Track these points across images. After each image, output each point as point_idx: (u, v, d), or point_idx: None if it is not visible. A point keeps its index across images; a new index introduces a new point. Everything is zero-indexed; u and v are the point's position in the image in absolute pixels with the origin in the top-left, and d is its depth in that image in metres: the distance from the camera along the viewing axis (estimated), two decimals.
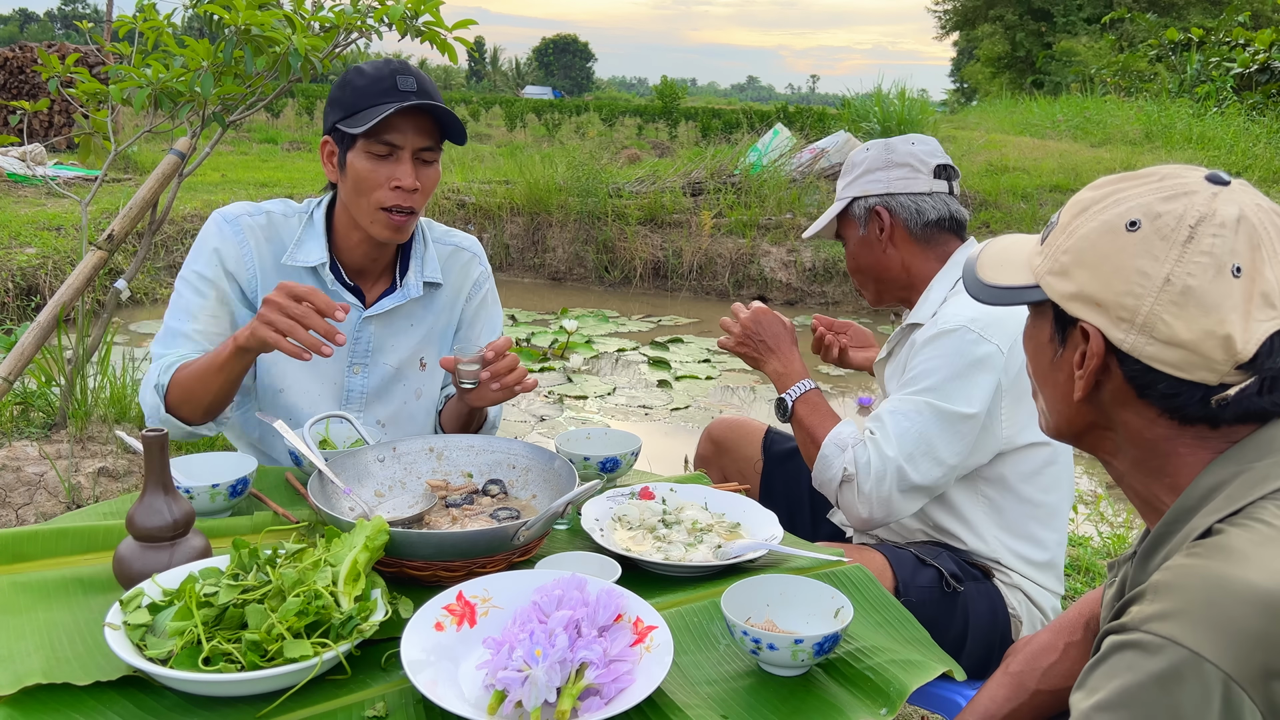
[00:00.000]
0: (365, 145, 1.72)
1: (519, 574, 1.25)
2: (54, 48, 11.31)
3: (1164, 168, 0.93)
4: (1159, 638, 0.77)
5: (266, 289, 1.82)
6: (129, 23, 2.95)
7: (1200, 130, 12.08)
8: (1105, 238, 0.89)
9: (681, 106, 30.48)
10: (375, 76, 1.72)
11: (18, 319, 6.13)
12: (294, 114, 22.40)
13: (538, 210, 9.51)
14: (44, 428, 3.37)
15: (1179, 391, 0.88)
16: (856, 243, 1.94)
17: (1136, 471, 0.97)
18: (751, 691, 1.13)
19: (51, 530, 1.38)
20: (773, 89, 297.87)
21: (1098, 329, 0.90)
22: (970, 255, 1.09)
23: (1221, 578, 0.78)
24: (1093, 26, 31.88)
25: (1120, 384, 0.92)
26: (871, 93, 14.06)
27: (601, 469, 1.71)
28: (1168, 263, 0.86)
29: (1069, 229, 0.93)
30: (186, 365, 1.71)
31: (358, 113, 1.71)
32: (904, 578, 1.69)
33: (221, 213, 1.86)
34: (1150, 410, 0.91)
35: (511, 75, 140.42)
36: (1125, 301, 0.87)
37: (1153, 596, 0.81)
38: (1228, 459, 0.89)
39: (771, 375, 1.93)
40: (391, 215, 1.75)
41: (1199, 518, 0.87)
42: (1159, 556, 0.90)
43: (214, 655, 1.05)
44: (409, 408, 1.95)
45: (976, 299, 1.03)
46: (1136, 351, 0.88)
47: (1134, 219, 0.88)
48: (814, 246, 8.67)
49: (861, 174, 1.93)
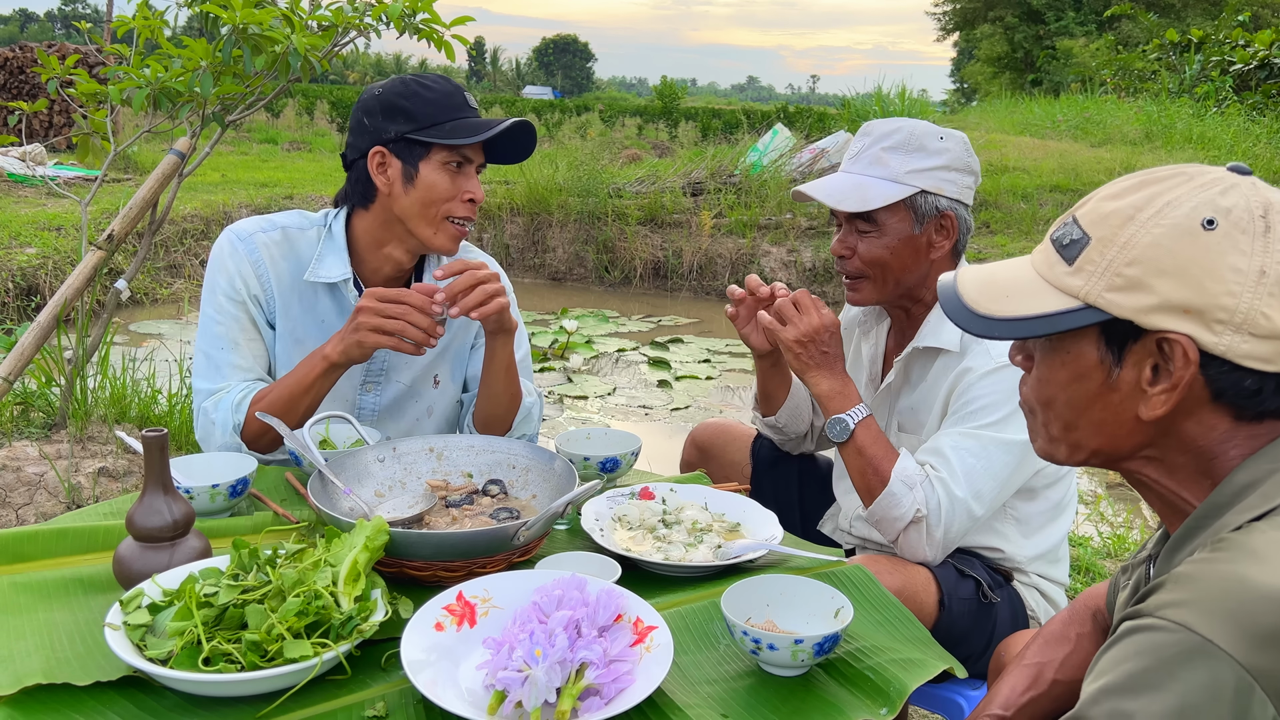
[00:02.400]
0: (444, 157, 1.72)
1: (519, 574, 1.25)
2: (54, 48, 11.30)
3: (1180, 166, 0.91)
4: (1173, 623, 0.76)
5: (286, 308, 1.81)
6: (128, 23, 2.95)
7: (1200, 130, 12.09)
8: (1183, 241, 0.85)
9: (681, 106, 30.49)
10: (445, 90, 1.74)
11: (18, 319, 6.13)
12: (294, 114, 22.38)
13: (538, 210, 9.51)
14: (44, 428, 3.37)
15: (1261, 386, 0.86)
16: (900, 237, 1.71)
17: (1171, 478, 0.94)
18: (751, 691, 1.13)
19: (51, 530, 1.38)
20: (773, 89, 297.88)
21: (1188, 336, 0.85)
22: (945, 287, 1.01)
23: (1243, 576, 0.77)
24: (1090, 26, 31.91)
25: (1197, 391, 0.88)
26: (872, 93, 14.07)
27: (601, 469, 1.71)
28: (1257, 255, 0.84)
29: (1119, 241, 0.88)
30: (261, 397, 1.70)
31: (439, 124, 1.71)
32: (948, 590, 1.63)
33: (235, 230, 1.82)
34: (1220, 413, 0.89)
35: (511, 75, 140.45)
36: (1224, 302, 0.84)
37: (1172, 586, 0.80)
38: (1263, 455, 0.88)
39: (823, 391, 1.68)
40: (458, 226, 1.77)
41: (1231, 514, 0.86)
42: (1185, 551, 0.89)
43: (214, 655, 1.05)
44: (421, 425, 1.95)
45: (987, 335, 0.96)
46: (1231, 352, 0.85)
47: (1209, 216, 0.85)
48: (814, 246, 8.68)
49: (939, 167, 1.71)
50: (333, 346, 1.64)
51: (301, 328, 1.82)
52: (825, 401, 1.69)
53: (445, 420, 1.99)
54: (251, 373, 1.78)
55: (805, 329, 1.67)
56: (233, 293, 1.78)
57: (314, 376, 1.65)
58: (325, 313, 1.83)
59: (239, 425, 1.70)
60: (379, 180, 1.75)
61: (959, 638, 1.59)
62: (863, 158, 1.75)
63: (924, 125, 1.74)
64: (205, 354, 1.78)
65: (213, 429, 1.72)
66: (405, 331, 1.57)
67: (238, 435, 1.70)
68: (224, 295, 1.78)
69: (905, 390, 1.81)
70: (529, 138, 1.79)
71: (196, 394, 1.78)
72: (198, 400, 1.77)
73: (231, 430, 1.70)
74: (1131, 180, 0.92)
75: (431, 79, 1.76)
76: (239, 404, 1.71)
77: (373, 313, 1.57)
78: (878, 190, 1.70)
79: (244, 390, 1.73)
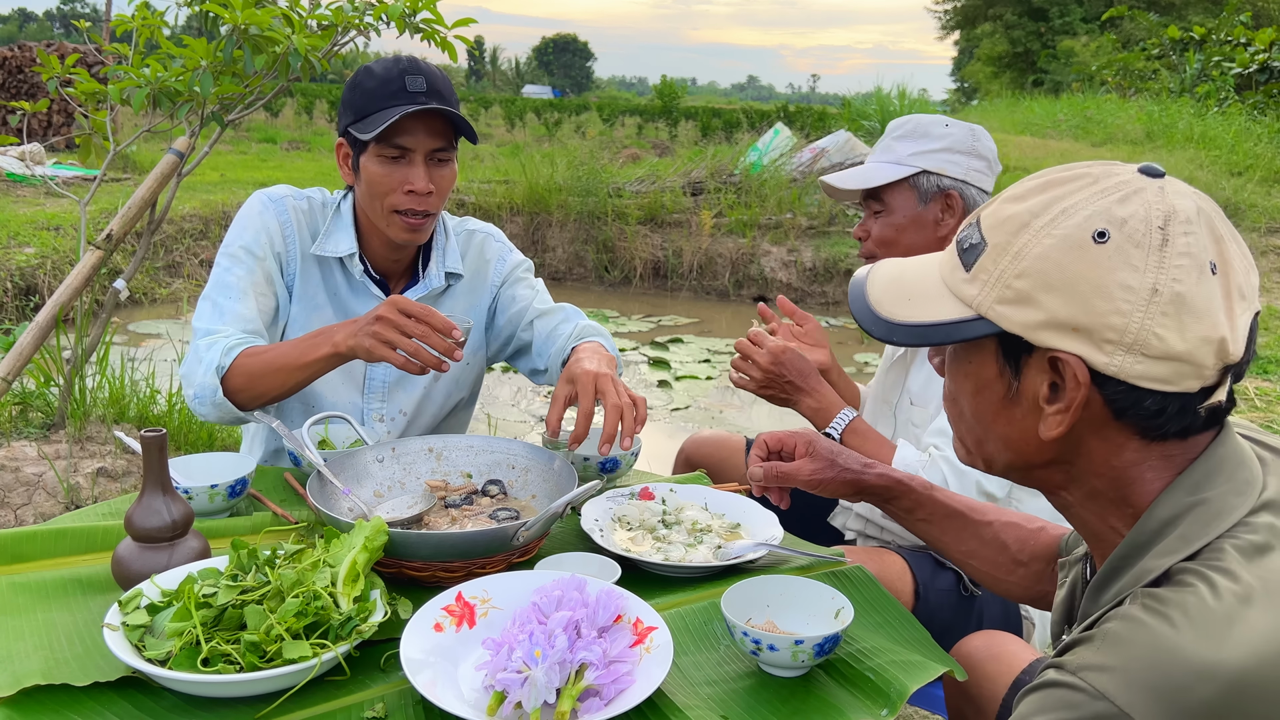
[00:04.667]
0: (377, 149, 1.72)
1: (518, 575, 1.25)
2: (53, 47, 11.32)
3: (1088, 165, 0.85)
4: (1093, 689, 0.73)
5: (306, 274, 1.84)
6: (127, 22, 2.95)
7: (1201, 130, 12.07)
8: (1072, 254, 0.80)
9: (681, 106, 30.50)
10: (384, 78, 1.70)
11: (16, 319, 6.13)
12: (293, 113, 22.40)
13: (538, 210, 9.51)
14: (42, 428, 3.36)
15: (1164, 407, 0.81)
16: (907, 216, 1.82)
17: (1091, 503, 0.89)
18: (751, 692, 1.13)
19: (50, 531, 1.38)
20: (773, 88, 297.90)
21: (1077, 356, 0.81)
22: (856, 284, 0.96)
23: (1171, 646, 0.73)
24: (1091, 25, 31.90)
25: (1096, 410, 0.83)
26: (872, 92, 14.06)
27: (601, 469, 1.71)
28: (1150, 271, 0.78)
29: (1012, 250, 0.83)
30: (256, 352, 1.65)
31: (368, 116, 1.70)
32: (923, 580, 1.66)
33: (267, 193, 1.85)
34: (1125, 433, 0.84)
35: (511, 75, 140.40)
36: (1112, 321, 0.79)
37: (1099, 644, 0.77)
38: (1180, 486, 0.83)
39: (807, 413, 1.81)
40: (406, 218, 1.75)
41: (1151, 557, 0.81)
42: (1111, 591, 0.85)
43: (213, 656, 1.04)
44: (430, 391, 1.95)
45: (887, 340, 0.91)
46: (1123, 373, 0.79)
47: (1100, 229, 0.79)
48: (814, 246, 8.67)
49: (941, 149, 1.81)
50: (344, 336, 1.56)
51: (321, 294, 1.86)
52: (813, 420, 1.81)
53: (456, 385, 1.99)
54: (253, 324, 1.75)
55: (760, 376, 1.82)
56: (256, 246, 1.79)
57: (312, 358, 1.58)
58: (338, 285, 1.87)
59: (223, 369, 1.63)
60: (342, 172, 1.81)
61: (940, 631, 1.58)
62: (877, 149, 1.90)
63: (931, 118, 1.86)
64: (212, 300, 1.76)
65: (198, 366, 1.66)
66: (418, 353, 1.49)
67: (219, 378, 1.63)
68: (244, 248, 1.79)
69: (916, 364, 1.86)
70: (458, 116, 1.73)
71: (195, 333, 1.73)
72: (194, 339, 1.72)
73: (214, 371, 1.63)
74: (1037, 180, 0.86)
75: (379, 65, 1.74)
76: (230, 349, 1.65)
77: (391, 325, 1.49)
78: (882, 172, 1.84)
79: (240, 340, 1.68)
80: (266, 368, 1.62)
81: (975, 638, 1.43)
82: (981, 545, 1.28)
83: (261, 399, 1.66)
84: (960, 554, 1.31)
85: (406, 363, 1.50)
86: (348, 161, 1.79)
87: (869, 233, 1.88)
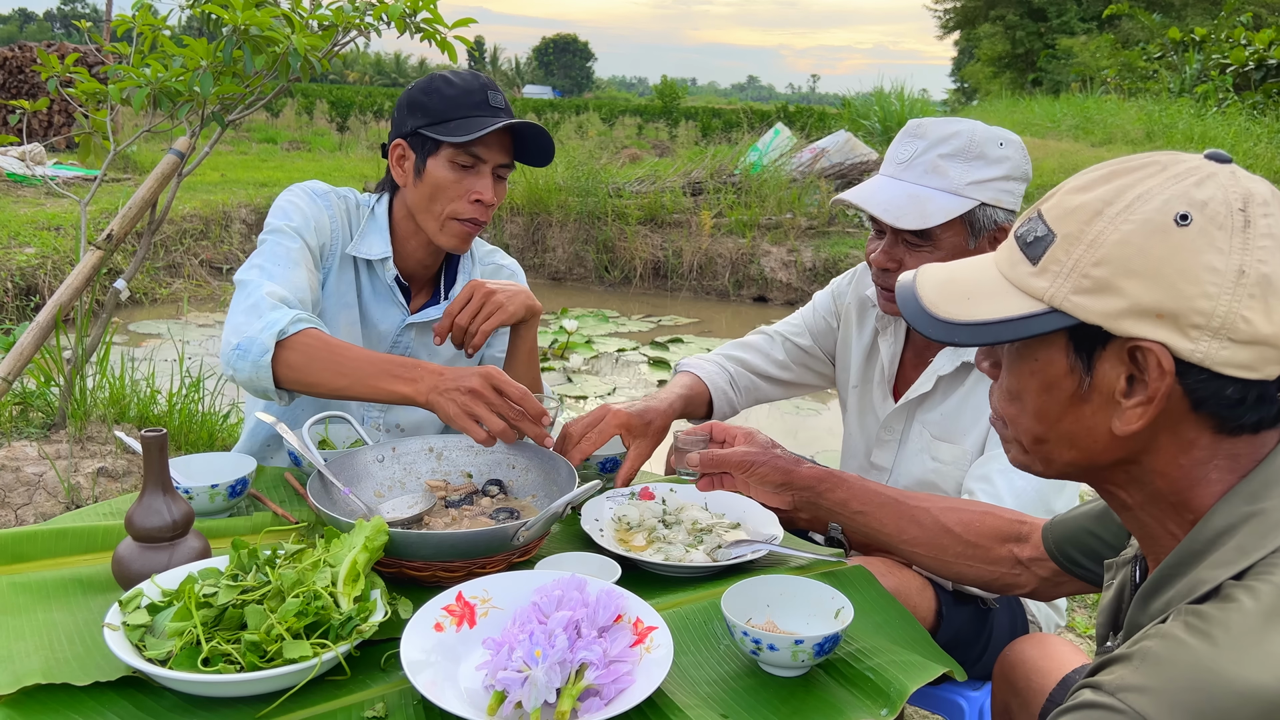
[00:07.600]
0: (452, 155, 1.72)
1: (519, 574, 1.25)
2: (53, 47, 11.31)
3: (1152, 155, 0.85)
4: (1132, 710, 0.71)
5: (341, 270, 1.83)
6: (128, 22, 2.95)
7: (1201, 130, 12.08)
8: (1154, 238, 0.78)
9: (681, 106, 30.51)
10: (466, 88, 1.72)
11: (17, 319, 6.13)
12: (293, 113, 22.39)
13: (537, 210, 9.51)
14: (43, 428, 3.37)
15: (1244, 395, 0.79)
16: (953, 253, 1.60)
17: (1153, 505, 0.87)
18: (751, 692, 1.13)
19: (51, 530, 1.38)
20: (773, 88, 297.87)
21: (1161, 343, 0.78)
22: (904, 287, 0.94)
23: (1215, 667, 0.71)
24: (1090, 24, 31.92)
25: (1175, 401, 0.80)
26: (872, 92, 14.07)
27: (601, 469, 1.71)
28: (1235, 253, 0.76)
29: (1087, 239, 0.80)
30: (324, 337, 1.56)
31: (449, 121, 1.71)
32: (945, 598, 1.59)
33: (309, 186, 1.84)
34: (1199, 426, 0.82)
35: (511, 75, 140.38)
36: (1199, 305, 0.76)
37: (1139, 663, 0.74)
38: (1239, 494, 0.82)
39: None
40: (464, 225, 1.76)
41: (1204, 568, 0.79)
42: (1160, 600, 0.83)
43: (213, 656, 1.04)
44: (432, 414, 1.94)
45: (948, 341, 0.88)
46: (1208, 359, 0.77)
47: (1182, 211, 0.77)
48: (814, 246, 8.67)
49: (999, 177, 1.59)
50: (427, 388, 1.48)
51: (350, 293, 1.86)
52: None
53: None
54: (306, 295, 1.69)
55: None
56: (305, 231, 1.77)
57: (387, 390, 1.51)
58: (364, 285, 1.88)
59: (285, 334, 1.53)
60: (396, 172, 1.80)
61: (956, 643, 1.57)
62: (917, 165, 1.63)
63: (982, 129, 1.63)
64: (260, 267, 1.67)
65: (256, 320, 1.55)
66: (504, 437, 1.48)
67: (275, 342, 1.53)
68: (294, 228, 1.75)
69: (934, 401, 1.75)
70: (545, 138, 1.77)
71: (247, 285, 1.63)
72: (252, 288, 1.62)
73: (275, 333, 1.53)
74: (1101, 170, 0.85)
75: (459, 75, 1.76)
76: (298, 319, 1.56)
77: (483, 401, 1.46)
78: (937, 204, 1.58)
79: (309, 316, 1.59)
80: (330, 362, 1.54)
81: (1026, 643, 1.42)
82: (923, 531, 1.29)
83: (305, 387, 1.56)
84: (903, 543, 1.31)
85: (478, 433, 1.47)
86: (403, 163, 1.78)
87: (900, 264, 1.63)
